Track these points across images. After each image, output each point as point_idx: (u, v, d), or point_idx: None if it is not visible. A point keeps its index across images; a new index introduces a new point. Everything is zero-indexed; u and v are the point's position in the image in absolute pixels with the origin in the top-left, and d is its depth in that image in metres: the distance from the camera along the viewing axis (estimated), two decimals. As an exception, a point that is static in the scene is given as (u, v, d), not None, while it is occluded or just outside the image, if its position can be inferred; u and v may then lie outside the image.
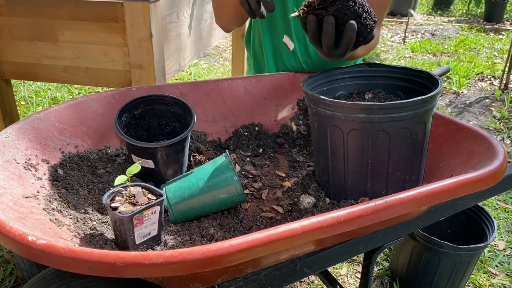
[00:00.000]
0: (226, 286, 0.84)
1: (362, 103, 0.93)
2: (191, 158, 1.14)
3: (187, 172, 0.99)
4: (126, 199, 0.82)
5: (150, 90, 1.21)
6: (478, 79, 4.31)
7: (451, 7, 7.70)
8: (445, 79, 4.25)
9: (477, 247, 1.60)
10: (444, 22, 6.67)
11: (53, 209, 0.86)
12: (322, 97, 0.93)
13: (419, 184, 0.98)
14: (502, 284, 1.87)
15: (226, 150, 1.03)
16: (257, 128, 1.33)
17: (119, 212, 0.78)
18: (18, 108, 2.07)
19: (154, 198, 0.84)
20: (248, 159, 1.23)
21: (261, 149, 1.28)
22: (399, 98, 1.05)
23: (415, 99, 0.87)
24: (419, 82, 1.02)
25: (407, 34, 5.85)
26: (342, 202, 0.98)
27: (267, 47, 1.47)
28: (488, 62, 4.72)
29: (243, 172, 1.17)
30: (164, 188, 0.96)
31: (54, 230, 0.78)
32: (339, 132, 0.92)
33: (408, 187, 0.95)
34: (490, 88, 4.09)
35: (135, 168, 0.83)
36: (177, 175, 1.08)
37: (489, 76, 4.35)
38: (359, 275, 1.91)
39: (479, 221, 1.74)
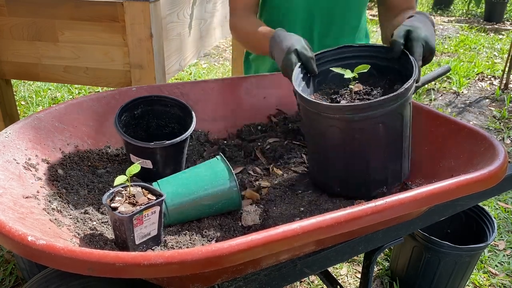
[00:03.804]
0: (226, 286, 0.84)
1: (337, 104, 0.95)
2: None
3: (183, 173, 0.97)
4: (126, 199, 0.82)
5: (151, 90, 1.20)
6: (478, 79, 4.30)
7: (451, 7, 7.70)
8: (445, 79, 4.25)
9: (477, 247, 1.60)
10: (444, 22, 6.66)
11: (53, 209, 0.86)
12: (305, 96, 0.95)
13: (402, 170, 1.00)
14: (502, 284, 1.87)
15: (221, 153, 1.01)
16: (259, 128, 1.33)
17: (119, 212, 0.78)
18: (18, 108, 2.07)
19: (154, 198, 0.83)
20: (249, 158, 1.23)
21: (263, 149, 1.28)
22: (388, 79, 1.05)
23: (383, 98, 0.89)
24: (405, 66, 1.02)
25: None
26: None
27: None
28: (488, 62, 4.71)
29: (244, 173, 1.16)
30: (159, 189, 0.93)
31: (54, 230, 0.78)
32: (320, 128, 0.95)
33: (391, 175, 0.99)
34: (490, 88, 4.08)
35: (134, 168, 0.83)
36: None
37: (489, 76, 4.35)
38: (359, 275, 1.91)
39: (479, 221, 1.74)
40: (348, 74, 0.97)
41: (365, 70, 0.96)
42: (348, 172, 0.99)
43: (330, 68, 1.03)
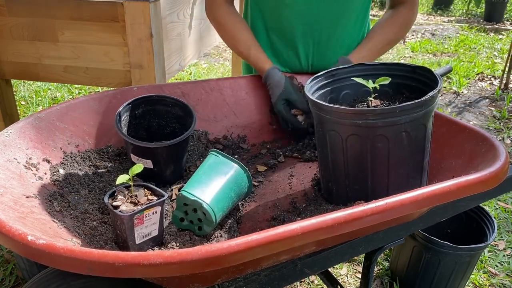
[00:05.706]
0: (226, 286, 0.84)
1: (360, 109, 0.93)
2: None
3: (223, 182, 0.93)
4: (128, 199, 0.82)
5: (152, 89, 1.20)
6: (478, 79, 4.30)
7: (451, 7, 7.70)
8: (445, 79, 4.24)
9: (477, 247, 1.60)
10: (444, 22, 6.66)
11: (53, 208, 0.86)
12: (320, 102, 0.93)
13: (422, 185, 0.98)
14: (502, 284, 1.87)
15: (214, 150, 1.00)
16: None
17: (120, 211, 0.78)
18: (18, 108, 2.07)
19: (156, 198, 0.83)
20: (253, 159, 1.23)
21: (265, 149, 1.28)
22: (404, 97, 1.04)
23: (408, 103, 0.86)
24: (421, 80, 1.02)
25: (407, 34, 5.85)
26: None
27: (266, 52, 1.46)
28: (488, 62, 4.71)
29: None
30: (210, 207, 0.89)
31: (54, 230, 0.78)
32: (338, 137, 0.92)
33: (411, 189, 0.95)
34: (490, 88, 4.08)
35: (137, 168, 0.83)
36: (175, 177, 1.07)
37: (489, 76, 4.35)
38: (359, 275, 1.91)
39: (479, 221, 1.74)
40: (370, 84, 0.96)
41: (386, 82, 0.95)
42: (369, 188, 0.95)
43: (352, 78, 1.02)
